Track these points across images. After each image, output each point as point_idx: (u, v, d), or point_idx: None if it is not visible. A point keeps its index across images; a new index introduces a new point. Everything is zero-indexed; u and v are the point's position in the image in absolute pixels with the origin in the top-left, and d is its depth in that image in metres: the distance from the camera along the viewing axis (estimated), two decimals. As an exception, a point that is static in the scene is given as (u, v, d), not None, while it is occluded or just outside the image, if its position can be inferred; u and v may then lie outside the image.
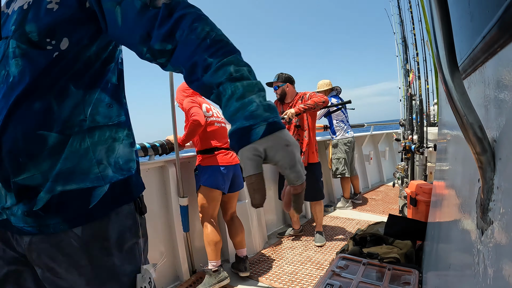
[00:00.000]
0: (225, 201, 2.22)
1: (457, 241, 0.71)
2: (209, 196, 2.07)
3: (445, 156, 1.25)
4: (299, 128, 2.68)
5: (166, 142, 2.18)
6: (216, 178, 2.04)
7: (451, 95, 0.41)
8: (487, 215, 0.43)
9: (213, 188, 2.05)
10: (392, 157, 5.97)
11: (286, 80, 2.70)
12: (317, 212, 2.80)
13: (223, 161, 2.08)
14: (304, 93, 2.71)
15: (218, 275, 2.01)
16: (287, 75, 2.72)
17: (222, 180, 2.06)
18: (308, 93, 2.68)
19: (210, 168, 2.06)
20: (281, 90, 2.70)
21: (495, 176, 0.41)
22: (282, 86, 2.69)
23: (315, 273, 2.17)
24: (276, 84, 2.72)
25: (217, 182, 2.05)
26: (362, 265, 1.74)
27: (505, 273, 0.34)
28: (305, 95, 2.67)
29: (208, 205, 2.08)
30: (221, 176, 2.06)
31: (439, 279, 0.98)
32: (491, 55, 0.44)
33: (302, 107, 2.51)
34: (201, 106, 2.09)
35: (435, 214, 1.46)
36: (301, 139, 2.67)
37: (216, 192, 2.08)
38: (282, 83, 2.69)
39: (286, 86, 2.69)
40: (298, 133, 2.67)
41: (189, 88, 2.12)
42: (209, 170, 2.06)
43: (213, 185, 2.04)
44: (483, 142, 0.40)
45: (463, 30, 0.55)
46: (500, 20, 0.35)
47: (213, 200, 2.09)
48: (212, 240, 2.04)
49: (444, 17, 0.42)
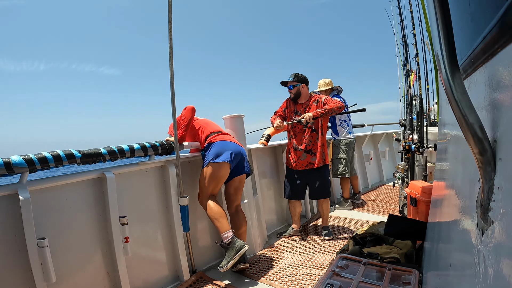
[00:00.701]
0: (230, 192, 2.28)
1: (458, 241, 0.71)
2: (216, 172, 2.12)
3: (445, 156, 1.25)
4: (314, 131, 2.74)
5: (166, 142, 2.19)
6: (222, 151, 2.13)
7: (452, 95, 0.41)
8: (488, 215, 0.43)
9: (221, 161, 2.11)
10: (392, 157, 5.98)
11: (302, 81, 2.77)
12: (325, 209, 2.92)
13: (226, 139, 2.23)
14: (318, 96, 2.78)
15: (234, 246, 2.03)
16: (303, 76, 2.79)
17: (227, 154, 2.14)
18: (324, 97, 2.74)
19: (218, 142, 2.17)
20: (296, 90, 2.77)
21: (495, 176, 0.41)
22: (297, 86, 2.77)
23: (315, 273, 2.17)
24: (291, 84, 2.79)
25: (223, 156, 2.12)
26: (362, 265, 1.74)
27: (506, 273, 0.34)
28: (320, 99, 2.74)
29: (211, 182, 2.13)
30: (226, 150, 2.15)
31: (439, 279, 0.98)
32: (492, 56, 0.44)
33: (319, 112, 2.58)
34: None
35: (435, 214, 1.46)
36: (314, 141, 2.74)
37: (223, 168, 2.13)
38: (298, 83, 2.77)
39: (301, 87, 2.77)
40: (311, 135, 2.74)
41: None
42: (218, 144, 2.16)
43: (220, 160, 2.11)
44: (484, 142, 0.40)
45: (463, 31, 0.55)
46: (501, 20, 0.35)
47: (217, 177, 2.13)
48: (217, 213, 2.10)
49: (444, 18, 0.42)
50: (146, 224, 2.06)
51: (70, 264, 1.67)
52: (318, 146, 2.73)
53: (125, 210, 1.90)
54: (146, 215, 2.07)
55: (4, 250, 1.44)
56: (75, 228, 1.71)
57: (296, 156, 2.78)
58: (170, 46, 2.00)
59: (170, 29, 1.95)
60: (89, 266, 1.75)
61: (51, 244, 1.54)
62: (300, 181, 2.83)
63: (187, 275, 2.17)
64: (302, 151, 2.75)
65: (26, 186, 1.50)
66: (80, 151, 1.70)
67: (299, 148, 2.76)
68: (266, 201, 3.13)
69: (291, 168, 2.85)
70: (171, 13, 1.93)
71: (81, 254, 1.72)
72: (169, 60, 2.02)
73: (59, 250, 1.62)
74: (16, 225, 1.47)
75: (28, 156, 1.50)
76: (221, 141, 2.19)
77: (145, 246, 2.04)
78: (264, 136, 3.05)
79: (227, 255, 2.04)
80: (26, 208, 1.46)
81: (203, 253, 2.41)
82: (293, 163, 2.81)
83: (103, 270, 1.81)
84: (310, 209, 3.57)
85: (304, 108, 2.78)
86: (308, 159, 2.76)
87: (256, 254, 2.53)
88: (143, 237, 2.03)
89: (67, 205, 1.69)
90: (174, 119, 2.10)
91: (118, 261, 1.80)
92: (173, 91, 2.07)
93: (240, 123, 2.57)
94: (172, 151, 2.19)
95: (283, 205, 3.36)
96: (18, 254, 1.47)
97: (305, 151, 2.75)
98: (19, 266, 1.47)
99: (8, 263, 1.45)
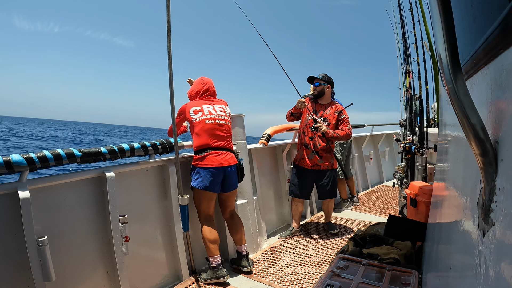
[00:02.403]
0: (223, 199, 2.27)
1: (458, 242, 0.71)
2: (202, 196, 2.13)
3: (446, 157, 1.25)
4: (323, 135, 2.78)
5: (166, 141, 2.18)
6: (206, 180, 2.09)
7: (454, 96, 0.41)
8: (489, 216, 0.43)
9: (202, 190, 2.10)
10: (392, 157, 5.97)
11: (329, 82, 2.87)
12: (330, 208, 3.05)
13: (213, 163, 2.10)
14: (341, 108, 2.88)
15: (216, 272, 2.06)
16: (331, 78, 2.89)
17: (211, 182, 2.10)
18: (345, 114, 2.85)
19: (201, 170, 2.11)
20: (321, 88, 2.85)
21: (497, 178, 0.41)
22: (324, 86, 2.84)
23: (315, 273, 2.17)
24: (318, 81, 2.85)
25: (207, 185, 2.09)
26: (362, 266, 1.74)
27: (507, 275, 0.34)
28: (342, 113, 2.84)
29: (202, 205, 2.15)
30: (211, 178, 2.09)
31: (439, 280, 0.98)
32: (494, 57, 0.44)
33: (332, 134, 2.71)
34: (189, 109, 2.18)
35: (435, 215, 1.46)
36: (323, 144, 2.79)
37: (207, 195, 2.12)
38: (325, 83, 2.85)
39: (327, 87, 2.85)
40: (322, 138, 2.78)
41: None
42: (200, 172, 2.11)
43: (202, 187, 2.10)
44: (485, 144, 0.40)
45: (465, 32, 0.55)
46: (503, 22, 0.35)
47: (205, 200, 2.14)
48: (207, 237, 2.10)
49: (447, 19, 0.42)
50: (146, 224, 2.06)
51: (69, 263, 1.66)
52: (326, 151, 2.81)
53: (125, 209, 1.90)
54: (146, 214, 2.07)
55: (3, 248, 1.44)
56: (74, 227, 1.71)
57: (305, 154, 2.83)
58: (169, 45, 1.99)
59: (169, 28, 1.94)
60: (89, 265, 1.75)
61: (51, 243, 1.54)
62: (308, 180, 2.88)
63: (187, 275, 2.17)
64: (311, 150, 2.81)
65: (26, 185, 1.49)
66: (81, 150, 1.70)
67: (309, 147, 2.82)
68: (266, 201, 3.13)
69: (298, 164, 2.90)
70: (169, 13, 1.92)
71: (80, 253, 1.72)
72: (168, 60, 2.02)
73: (59, 249, 1.62)
74: (15, 224, 1.47)
75: (28, 154, 1.50)
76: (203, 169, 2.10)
77: (144, 245, 2.04)
78: (264, 136, 3.04)
79: (209, 273, 2.10)
80: (26, 206, 1.45)
81: (203, 252, 2.40)
82: (300, 159, 2.87)
83: (103, 269, 1.81)
84: (310, 209, 3.57)
85: (323, 110, 2.85)
86: (315, 160, 2.81)
87: (256, 254, 2.53)
88: (143, 237, 2.03)
89: (67, 204, 1.69)
90: (173, 119, 2.10)
91: (118, 260, 1.80)
92: (172, 91, 2.06)
93: (240, 123, 2.57)
94: (172, 150, 2.19)
95: (283, 205, 3.36)
96: (18, 253, 1.47)
97: (313, 151, 2.81)
98: (19, 265, 1.47)
99: (7, 261, 1.45)
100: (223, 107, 2.26)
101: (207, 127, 2.15)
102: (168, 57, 2.01)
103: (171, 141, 2.18)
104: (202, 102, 2.22)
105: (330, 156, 2.84)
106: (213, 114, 2.18)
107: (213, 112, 2.19)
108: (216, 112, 2.20)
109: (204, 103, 2.22)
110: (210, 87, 2.29)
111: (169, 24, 1.94)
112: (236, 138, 2.50)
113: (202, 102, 2.22)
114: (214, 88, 2.32)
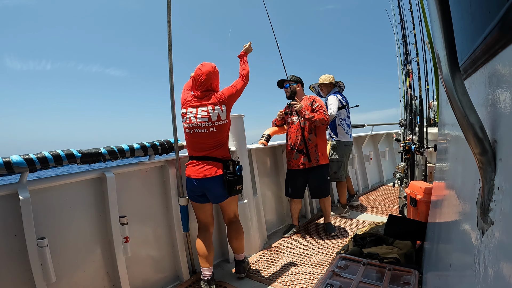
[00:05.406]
0: (221, 206, 2.15)
1: (458, 241, 0.71)
2: (192, 205, 2.10)
3: (446, 156, 1.25)
4: (305, 131, 2.81)
5: (166, 141, 2.18)
6: (189, 190, 2.05)
7: (452, 96, 0.41)
8: (488, 216, 0.43)
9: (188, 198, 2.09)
10: (392, 157, 5.97)
11: (298, 81, 2.95)
12: (326, 206, 3.01)
13: (190, 173, 2.00)
14: (314, 97, 2.90)
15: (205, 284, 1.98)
16: (299, 78, 2.98)
17: (192, 192, 2.03)
18: (318, 102, 2.84)
19: (187, 178, 2.05)
20: (292, 88, 2.92)
21: (495, 177, 0.41)
22: (294, 85, 2.92)
23: (315, 273, 2.17)
24: (288, 83, 2.93)
25: (189, 193, 2.05)
26: (362, 265, 1.74)
27: (506, 274, 0.34)
28: (315, 102, 2.85)
29: (195, 213, 2.11)
30: (192, 188, 2.02)
31: (439, 279, 0.98)
32: (492, 56, 0.44)
33: (307, 114, 2.72)
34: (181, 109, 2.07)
35: (435, 214, 1.46)
36: (306, 141, 2.80)
37: (193, 203, 2.08)
38: (294, 83, 2.93)
39: (297, 86, 2.93)
40: (303, 135, 2.81)
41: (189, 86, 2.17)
42: (187, 181, 2.06)
43: (188, 197, 2.09)
44: (484, 143, 0.40)
45: (464, 31, 0.55)
46: (501, 21, 0.35)
47: (196, 209, 2.09)
48: (197, 249, 2.05)
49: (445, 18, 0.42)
50: (146, 224, 2.06)
51: (70, 264, 1.67)
52: (310, 147, 2.81)
53: (125, 210, 1.90)
54: (146, 215, 2.07)
55: (4, 249, 1.44)
56: (75, 228, 1.71)
57: (292, 155, 2.88)
58: (169, 46, 2.00)
59: (169, 29, 1.95)
60: (89, 266, 1.75)
61: (51, 243, 1.54)
62: (298, 180, 2.90)
63: (187, 275, 2.17)
64: (295, 151, 2.85)
65: (26, 186, 1.50)
66: (80, 150, 1.70)
67: (293, 147, 2.87)
68: (266, 201, 3.13)
69: (288, 167, 2.97)
70: (170, 13, 1.93)
71: (81, 253, 1.72)
72: (168, 60, 2.02)
73: (59, 249, 1.62)
74: (16, 225, 1.47)
75: (28, 155, 1.50)
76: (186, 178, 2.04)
77: (145, 246, 2.04)
78: (264, 136, 3.04)
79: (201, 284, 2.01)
80: (26, 207, 1.46)
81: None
82: (288, 161, 2.95)
83: (103, 270, 1.81)
84: (310, 209, 3.56)
85: None
86: (300, 159, 2.83)
87: (256, 254, 2.53)
88: (143, 237, 2.03)
89: (67, 204, 1.69)
90: (173, 119, 2.10)
91: (118, 261, 1.80)
92: (173, 91, 2.07)
93: (240, 123, 2.57)
94: (172, 150, 2.18)
95: (283, 205, 3.36)
96: (18, 254, 1.47)
97: (297, 151, 2.84)
98: (19, 266, 1.47)
99: (8, 262, 1.45)
100: (208, 109, 1.95)
101: (187, 137, 2.03)
102: (168, 57, 2.02)
103: (171, 142, 2.18)
104: (189, 104, 2.02)
105: (314, 152, 2.80)
106: (192, 121, 1.96)
107: (193, 120, 1.96)
108: (196, 119, 1.95)
109: (190, 105, 2.01)
110: (205, 79, 1.98)
111: (169, 24, 1.95)
112: (235, 139, 2.49)
113: (189, 104, 2.02)
114: (211, 80, 2.00)
